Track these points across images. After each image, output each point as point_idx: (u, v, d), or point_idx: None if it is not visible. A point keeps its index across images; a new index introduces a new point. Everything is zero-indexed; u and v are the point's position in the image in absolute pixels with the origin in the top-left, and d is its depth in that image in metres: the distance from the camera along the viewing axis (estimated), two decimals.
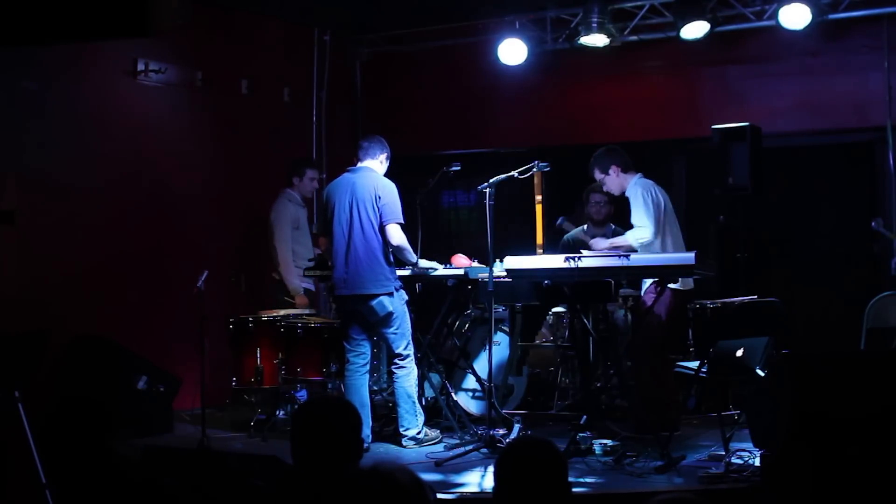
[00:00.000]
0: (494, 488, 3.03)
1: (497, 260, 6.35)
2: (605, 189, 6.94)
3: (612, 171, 6.74)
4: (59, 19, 3.75)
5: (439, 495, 5.21)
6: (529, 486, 2.94)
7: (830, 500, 4.46)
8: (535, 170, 6.53)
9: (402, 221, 6.39)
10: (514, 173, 6.41)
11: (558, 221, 7.77)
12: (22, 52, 6.60)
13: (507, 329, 7.43)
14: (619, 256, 6.02)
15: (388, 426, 6.78)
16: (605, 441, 6.09)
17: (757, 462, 5.38)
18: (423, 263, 6.59)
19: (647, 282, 6.55)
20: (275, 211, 7.69)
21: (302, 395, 7.26)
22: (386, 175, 6.55)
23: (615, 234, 7.28)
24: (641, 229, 6.50)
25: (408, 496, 2.60)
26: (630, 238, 6.53)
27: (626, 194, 6.72)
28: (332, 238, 6.48)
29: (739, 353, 5.92)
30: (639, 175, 6.72)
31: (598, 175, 6.81)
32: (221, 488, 4.43)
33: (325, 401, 3.87)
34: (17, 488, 5.37)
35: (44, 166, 7.06)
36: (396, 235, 6.35)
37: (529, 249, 6.98)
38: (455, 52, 9.31)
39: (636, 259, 6.03)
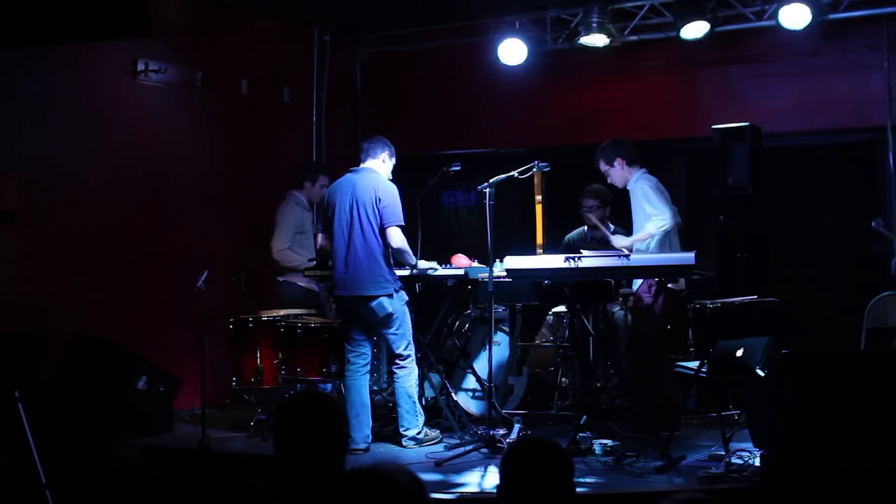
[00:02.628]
0: (500, 487, 3.02)
1: (497, 260, 6.34)
2: (609, 181, 6.85)
3: (618, 163, 6.70)
4: (59, 19, 3.76)
5: (440, 495, 5.21)
6: (536, 485, 2.94)
7: (830, 500, 4.46)
8: (535, 170, 6.53)
9: (403, 224, 6.38)
10: (514, 173, 6.40)
11: None
12: (22, 52, 6.60)
13: (507, 329, 7.43)
14: (619, 256, 6.02)
15: (388, 426, 6.78)
16: (605, 441, 6.09)
17: (757, 462, 5.38)
18: (423, 265, 6.58)
19: (639, 280, 6.54)
20: (280, 212, 7.68)
21: None
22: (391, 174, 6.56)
23: (615, 234, 7.28)
24: (659, 217, 6.47)
25: (408, 496, 2.60)
26: (651, 228, 6.48)
27: (629, 188, 6.70)
28: (333, 239, 6.47)
29: (739, 353, 5.92)
30: (643, 170, 6.70)
31: (602, 167, 6.77)
32: (221, 488, 4.42)
33: (305, 395, 3.71)
34: (17, 488, 5.36)
35: (44, 166, 7.07)
36: (397, 238, 6.34)
37: (529, 249, 6.98)
38: (455, 52, 9.31)
39: (636, 259, 6.02)
